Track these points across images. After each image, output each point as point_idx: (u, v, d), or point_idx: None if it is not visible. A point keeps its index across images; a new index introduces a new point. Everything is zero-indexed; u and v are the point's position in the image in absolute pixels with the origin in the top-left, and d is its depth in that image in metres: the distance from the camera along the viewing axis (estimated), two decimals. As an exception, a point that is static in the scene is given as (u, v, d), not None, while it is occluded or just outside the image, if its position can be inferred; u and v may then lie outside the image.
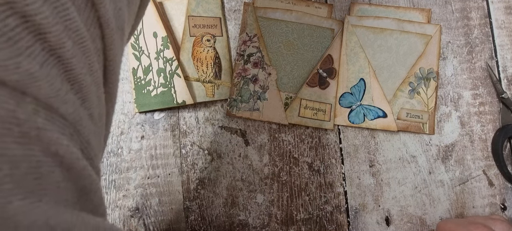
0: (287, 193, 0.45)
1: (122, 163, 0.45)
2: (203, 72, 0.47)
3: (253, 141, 0.46)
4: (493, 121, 0.47)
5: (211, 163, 0.46)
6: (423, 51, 0.47)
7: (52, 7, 0.14)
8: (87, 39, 0.16)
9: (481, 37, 0.49)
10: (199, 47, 0.47)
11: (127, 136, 0.46)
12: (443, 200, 0.45)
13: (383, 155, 0.46)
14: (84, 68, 0.16)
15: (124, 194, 0.45)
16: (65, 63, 0.15)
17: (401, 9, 0.49)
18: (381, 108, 0.46)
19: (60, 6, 0.14)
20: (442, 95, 0.47)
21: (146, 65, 0.46)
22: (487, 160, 0.46)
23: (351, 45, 0.48)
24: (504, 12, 0.49)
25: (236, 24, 0.49)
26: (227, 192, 0.45)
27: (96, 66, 0.17)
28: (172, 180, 0.45)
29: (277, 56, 0.48)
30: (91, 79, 0.16)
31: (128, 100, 0.47)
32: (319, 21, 0.48)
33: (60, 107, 0.14)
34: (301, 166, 0.46)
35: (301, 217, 0.45)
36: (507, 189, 0.46)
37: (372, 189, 0.45)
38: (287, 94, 0.47)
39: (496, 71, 0.48)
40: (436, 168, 0.46)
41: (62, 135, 0.15)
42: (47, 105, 0.14)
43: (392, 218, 0.45)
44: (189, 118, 0.47)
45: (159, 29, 0.46)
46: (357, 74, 0.47)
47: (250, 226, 0.44)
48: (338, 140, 0.46)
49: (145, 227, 0.44)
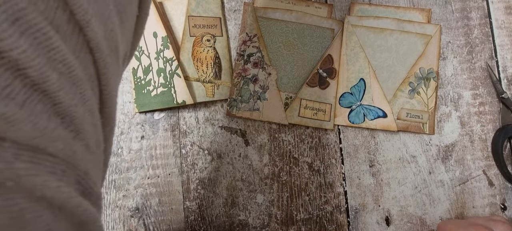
0: (287, 193, 0.45)
1: (122, 163, 0.45)
2: (203, 72, 0.47)
3: (253, 141, 0.46)
4: (493, 121, 0.47)
5: (211, 163, 0.46)
6: (423, 51, 0.47)
7: (32, 38, 0.13)
8: (76, 68, 0.15)
9: (481, 37, 0.49)
10: (199, 47, 0.47)
11: (127, 136, 0.46)
12: (443, 200, 0.45)
13: (383, 155, 0.46)
14: (74, 99, 0.15)
15: (124, 194, 0.45)
16: (52, 97, 0.14)
17: (401, 9, 0.49)
18: (381, 108, 0.46)
19: (42, 37, 0.13)
20: (442, 95, 0.47)
21: (146, 65, 0.46)
22: (487, 160, 0.46)
23: (351, 45, 0.48)
24: (504, 12, 0.49)
25: (236, 24, 0.49)
26: (227, 192, 0.45)
27: (89, 93, 0.16)
28: (172, 180, 0.45)
29: (277, 56, 0.48)
30: (84, 109, 0.16)
31: (128, 100, 0.47)
32: (319, 21, 0.48)
33: (48, 147, 0.14)
34: (301, 166, 0.46)
35: (301, 217, 0.45)
36: (507, 189, 0.46)
37: (372, 189, 0.45)
38: (287, 94, 0.47)
39: (496, 71, 0.48)
40: (436, 168, 0.46)
41: (51, 174, 0.14)
42: (32, 147, 0.13)
43: (392, 218, 0.45)
44: (189, 118, 0.47)
45: (159, 29, 0.46)
46: (357, 74, 0.47)
47: (250, 226, 0.44)
48: (338, 140, 0.46)
49: (145, 227, 0.44)
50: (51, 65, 0.14)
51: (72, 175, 0.15)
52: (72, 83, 0.15)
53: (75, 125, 0.15)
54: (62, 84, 0.14)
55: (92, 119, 0.16)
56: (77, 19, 0.15)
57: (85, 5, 0.15)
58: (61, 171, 0.14)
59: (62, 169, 0.14)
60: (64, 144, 0.14)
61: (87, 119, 0.16)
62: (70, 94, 0.15)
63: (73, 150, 0.15)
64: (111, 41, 0.17)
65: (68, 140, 0.15)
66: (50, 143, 0.14)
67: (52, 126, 0.14)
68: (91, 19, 0.15)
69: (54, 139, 0.14)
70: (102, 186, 0.20)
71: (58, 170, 0.14)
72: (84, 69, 0.15)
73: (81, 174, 0.16)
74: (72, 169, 0.15)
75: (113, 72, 0.18)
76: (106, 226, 0.44)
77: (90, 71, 0.16)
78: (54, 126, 0.14)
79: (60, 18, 0.14)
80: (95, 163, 0.17)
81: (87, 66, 0.16)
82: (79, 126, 0.15)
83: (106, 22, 0.17)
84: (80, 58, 0.15)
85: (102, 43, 0.16)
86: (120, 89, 0.47)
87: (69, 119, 0.15)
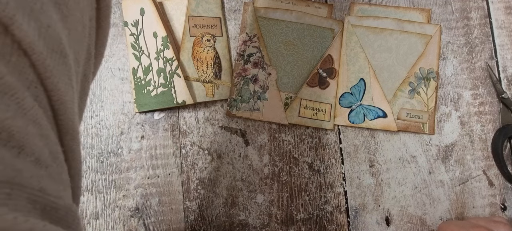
0: (287, 193, 0.45)
1: (122, 163, 0.45)
2: (203, 72, 0.47)
3: (253, 141, 0.46)
4: (493, 121, 0.47)
5: (211, 163, 0.46)
6: (423, 51, 0.47)
7: None
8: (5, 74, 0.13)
9: (481, 37, 0.49)
10: (199, 47, 0.47)
11: (127, 136, 0.46)
12: (443, 200, 0.45)
13: (383, 155, 0.46)
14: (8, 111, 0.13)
15: (124, 194, 0.45)
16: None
17: (401, 9, 0.49)
18: (381, 108, 0.46)
19: None
20: (442, 95, 0.47)
21: (146, 65, 0.46)
22: (487, 160, 0.46)
23: (351, 45, 0.48)
24: (504, 12, 0.49)
25: (236, 24, 0.49)
26: (227, 192, 0.45)
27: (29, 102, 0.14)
28: (172, 180, 0.45)
29: (277, 56, 0.48)
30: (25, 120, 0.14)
31: (128, 100, 0.47)
32: (319, 21, 0.48)
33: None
34: (301, 166, 0.46)
35: (301, 217, 0.45)
36: (507, 189, 0.46)
37: (372, 189, 0.45)
38: (287, 94, 0.47)
39: (496, 71, 0.48)
40: (436, 168, 0.46)
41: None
42: None
43: (392, 218, 0.45)
44: (189, 118, 0.47)
45: (159, 29, 0.46)
46: (357, 74, 0.47)
47: (250, 226, 0.44)
48: (338, 140, 0.46)
49: (145, 227, 0.44)
50: None
51: (21, 196, 0.13)
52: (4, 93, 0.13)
53: (16, 141, 0.13)
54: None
55: (39, 130, 0.15)
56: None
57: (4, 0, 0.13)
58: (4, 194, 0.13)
59: (6, 192, 0.13)
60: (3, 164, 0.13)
61: (30, 131, 0.14)
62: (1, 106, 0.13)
63: (17, 169, 0.13)
64: (50, 39, 0.15)
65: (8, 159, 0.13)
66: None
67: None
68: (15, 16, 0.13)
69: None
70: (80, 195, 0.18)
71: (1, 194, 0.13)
72: (19, 74, 0.14)
73: (35, 192, 0.14)
74: (19, 189, 0.13)
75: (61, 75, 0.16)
76: (106, 226, 0.44)
77: (29, 77, 0.14)
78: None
79: None
80: (52, 177, 0.15)
81: (24, 71, 0.14)
82: (21, 140, 0.14)
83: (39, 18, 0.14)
84: (10, 62, 0.13)
85: (37, 43, 0.14)
86: (120, 89, 0.47)
87: (5, 134, 0.13)
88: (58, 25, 0.15)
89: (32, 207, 0.14)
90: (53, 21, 0.15)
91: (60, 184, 0.16)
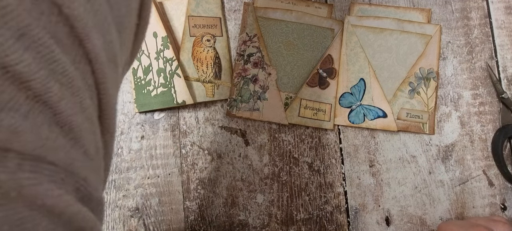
0: (287, 193, 0.45)
1: (122, 163, 0.45)
2: (203, 72, 0.47)
3: (253, 141, 0.46)
4: (493, 121, 0.47)
5: (211, 163, 0.46)
6: (423, 51, 0.47)
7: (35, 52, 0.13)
8: (76, 78, 0.15)
9: (481, 37, 0.49)
10: (199, 47, 0.47)
11: (127, 136, 0.46)
12: (443, 200, 0.45)
13: (383, 155, 0.46)
14: (74, 108, 0.15)
15: (124, 194, 0.45)
16: (53, 107, 0.14)
17: (401, 9, 0.49)
18: (381, 108, 0.46)
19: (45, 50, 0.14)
20: (442, 95, 0.47)
21: (146, 65, 0.46)
22: (487, 160, 0.46)
23: (351, 45, 0.48)
24: (504, 12, 0.49)
25: (236, 24, 0.49)
26: (227, 192, 0.45)
27: (88, 102, 0.16)
28: (172, 180, 0.45)
29: (277, 56, 0.48)
30: (83, 117, 0.16)
31: (128, 100, 0.47)
32: (319, 21, 0.48)
33: (48, 155, 0.14)
34: (301, 166, 0.46)
35: (301, 217, 0.45)
36: (507, 189, 0.46)
37: (372, 189, 0.45)
38: (287, 94, 0.47)
39: (496, 71, 0.48)
40: (436, 168, 0.46)
41: (51, 183, 0.14)
42: (34, 157, 0.13)
43: (392, 218, 0.45)
44: (189, 118, 0.47)
45: (159, 29, 0.46)
46: (357, 74, 0.47)
47: (250, 226, 0.44)
48: (338, 140, 0.46)
49: (145, 227, 0.44)
50: (53, 77, 0.14)
51: (71, 182, 0.15)
52: (72, 93, 0.15)
53: (74, 133, 0.15)
54: (62, 95, 0.15)
55: (91, 127, 0.17)
56: (77, 32, 0.15)
57: (85, 20, 0.15)
58: (60, 179, 0.15)
59: (61, 177, 0.15)
60: (63, 152, 0.15)
61: (85, 126, 0.16)
62: (70, 103, 0.15)
63: (72, 158, 0.15)
64: (110, 52, 0.18)
65: (67, 148, 0.15)
66: (50, 152, 0.14)
67: (53, 136, 0.14)
68: (90, 32, 0.16)
69: (54, 148, 0.14)
70: (104, 190, 0.20)
71: (58, 178, 0.14)
72: (83, 79, 0.16)
73: (80, 181, 0.16)
74: (71, 177, 0.15)
75: (112, 82, 0.18)
76: (106, 226, 0.44)
77: (89, 81, 0.16)
78: (55, 135, 0.14)
79: (61, 31, 0.15)
80: (94, 169, 0.17)
81: (86, 76, 0.16)
82: (78, 134, 0.16)
83: (105, 34, 0.17)
84: (79, 69, 0.16)
85: (101, 55, 0.17)
86: (120, 89, 0.47)
87: (68, 127, 0.15)
88: (115, 41, 0.18)
89: (76, 194, 0.16)
90: (114, 37, 0.18)
91: (98, 176, 0.18)
